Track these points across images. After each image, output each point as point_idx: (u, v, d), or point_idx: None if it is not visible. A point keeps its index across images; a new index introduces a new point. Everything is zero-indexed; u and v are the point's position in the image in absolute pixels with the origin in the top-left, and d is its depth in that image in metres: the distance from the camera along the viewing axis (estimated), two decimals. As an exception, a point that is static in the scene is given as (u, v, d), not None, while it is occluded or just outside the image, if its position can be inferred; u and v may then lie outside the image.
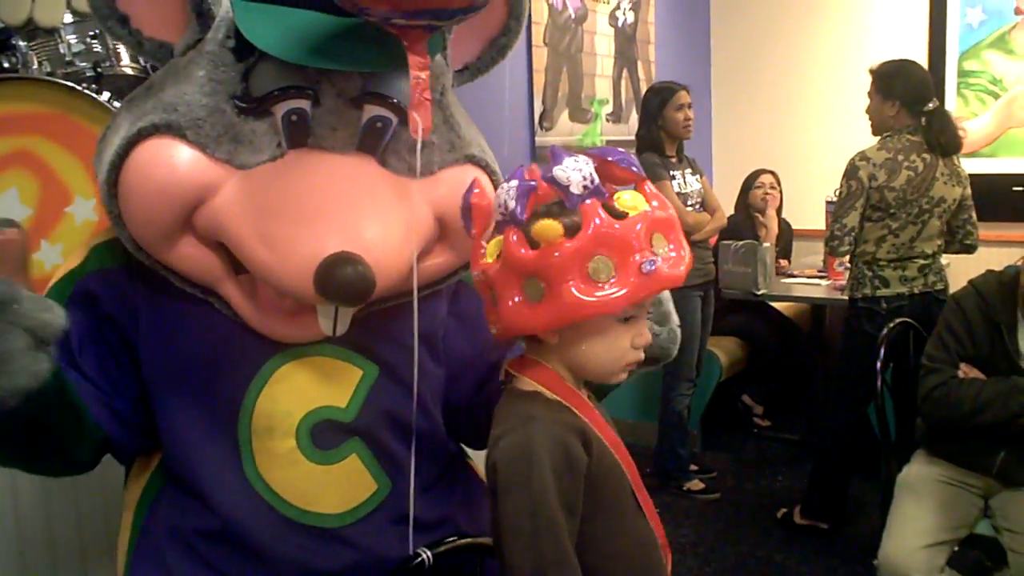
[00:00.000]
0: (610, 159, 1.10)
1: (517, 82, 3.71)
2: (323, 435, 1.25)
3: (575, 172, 1.07)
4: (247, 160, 1.16)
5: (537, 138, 3.84)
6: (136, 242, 1.18)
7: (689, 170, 3.73)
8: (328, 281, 1.10)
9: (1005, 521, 2.29)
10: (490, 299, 1.13)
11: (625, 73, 4.48)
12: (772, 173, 4.52)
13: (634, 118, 4.49)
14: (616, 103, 4.43)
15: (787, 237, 4.61)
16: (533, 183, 1.10)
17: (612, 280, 1.06)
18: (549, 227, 1.07)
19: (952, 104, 4.53)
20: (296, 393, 1.24)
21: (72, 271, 1.28)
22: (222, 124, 1.15)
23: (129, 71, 2.21)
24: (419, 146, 1.19)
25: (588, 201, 1.07)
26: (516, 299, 1.09)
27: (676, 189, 3.59)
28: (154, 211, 1.14)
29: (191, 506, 1.26)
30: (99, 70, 2.11)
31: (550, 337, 1.15)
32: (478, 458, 1.43)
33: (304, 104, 1.17)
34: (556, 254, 1.06)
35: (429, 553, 1.30)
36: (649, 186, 1.13)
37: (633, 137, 3.85)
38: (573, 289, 1.06)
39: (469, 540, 1.37)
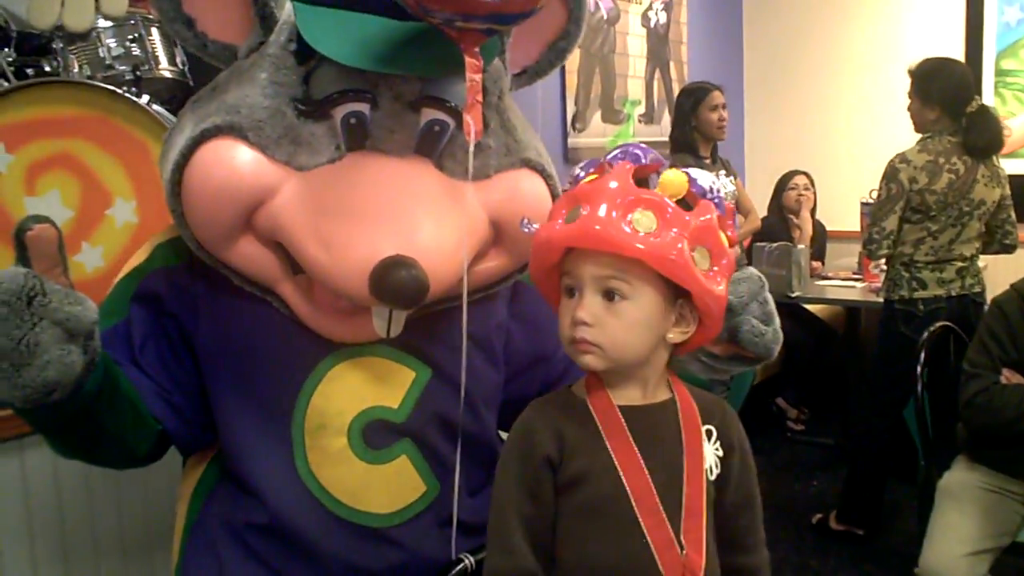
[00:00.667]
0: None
1: (550, 83, 3.70)
2: (374, 435, 1.26)
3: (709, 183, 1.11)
4: (306, 162, 1.17)
5: (570, 139, 3.83)
6: (198, 241, 1.20)
7: (723, 171, 3.71)
8: (382, 284, 1.10)
9: (1049, 529, 2.26)
10: None
11: (657, 74, 4.45)
12: (806, 174, 4.48)
13: (666, 119, 4.47)
14: (648, 104, 4.40)
15: (821, 239, 4.56)
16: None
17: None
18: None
19: (990, 104, 4.46)
20: (349, 392, 1.25)
21: (136, 268, 1.30)
22: (282, 126, 1.16)
23: (168, 74, 2.22)
24: (471, 148, 1.19)
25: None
26: None
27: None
28: (215, 211, 1.16)
29: (243, 500, 1.27)
30: (138, 73, 2.12)
31: None
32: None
33: (363, 107, 1.18)
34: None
35: (472, 558, 1.29)
36: (608, 164, 1.10)
37: (666, 138, 3.83)
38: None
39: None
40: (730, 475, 1.17)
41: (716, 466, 1.16)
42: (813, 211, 4.48)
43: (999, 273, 3.02)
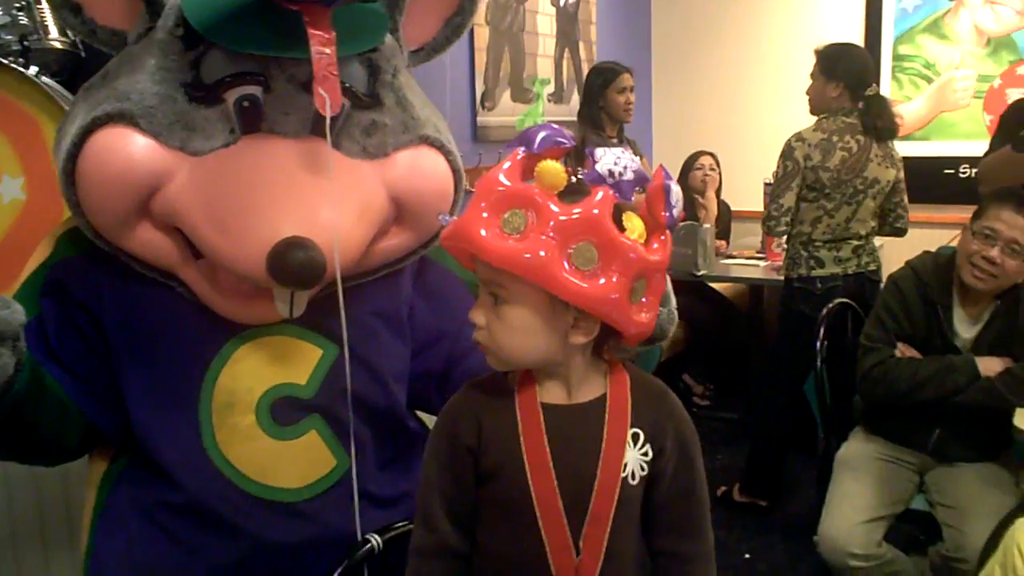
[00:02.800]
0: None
1: (458, 62, 3.67)
2: (283, 411, 1.27)
3: (617, 165, 1.07)
4: (200, 147, 1.17)
5: (479, 118, 3.81)
6: (95, 229, 1.20)
7: (629, 151, 3.73)
8: (280, 266, 1.11)
9: (939, 496, 2.35)
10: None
11: (567, 53, 4.46)
12: (711, 155, 4.55)
13: (576, 98, 4.48)
14: (558, 83, 4.41)
15: (726, 218, 4.65)
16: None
17: None
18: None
19: (887, 88, 4.60)
20: (257, 371, 1.27)
21: (42, 263, 1.31)
22: (174, 112, 1.16)
23: (58, 44, 2.13)
24: (328, 123, 1.17)
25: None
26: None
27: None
28: (110, 199, 1.16)
29: (154, 480, 1.28)
30: (26, 43, 2.03)
31: None
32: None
33: (255, 90, 1.18)
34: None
35: (378, 538, 1.29)
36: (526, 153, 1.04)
37: (575, 118, 3.84)
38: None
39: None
40: (662, 473, 1.15)
41: (642, 468, 1.13)
42: (718, 191, 4.56)
43: (896, 252, 3.12)
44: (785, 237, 3.33)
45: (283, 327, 1.27)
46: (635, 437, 1.13)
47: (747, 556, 3.13)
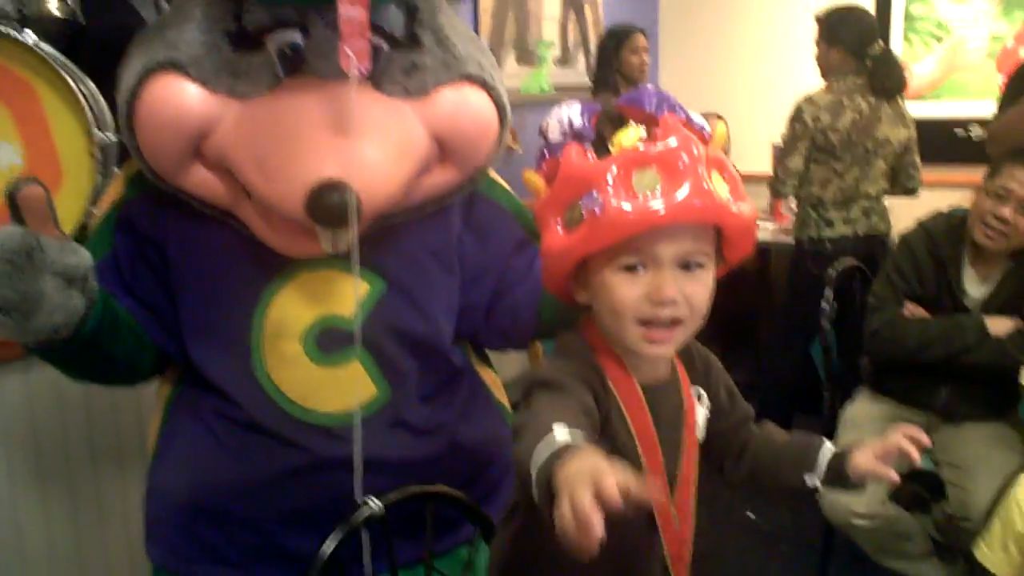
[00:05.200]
0: (620, 101, 1.06)
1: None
2: (328, 341, 1.34)
3: (553, 120, 1.05)
4: (247, 91, 1.23)
5: (484, 82, 3.79)
6: (153, 171, 1.28)
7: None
8: (316, 207, 1.17)
9: (945, 455, 2.35)
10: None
11: (572, 15, 4.41)
12: (718, 116, 4.51)
13: (581, 62, 4.44)
14: (563, 46, 4.36)
15: (734, 181, 4.61)
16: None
17: (580, 224, 1.00)
18: (531, 179, 1.07)
19: (898, 48, 4.53)
20: (305, 302, 1.34)
21: (114, 204, 1.40)
22: (220, 60, 1.23)
23: (57, 12, 2.11)
24: (353, 83, 1.20)
25: (566, 146, 1.03)
26: (559, 227, 1.06)
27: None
28: (165, 143, 1.23)
29: (210, 397, 1.38)
30: (23, 10, 2.01)
31: (581, 296, 1.09)
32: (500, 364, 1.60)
33: (295, 36, 1.23)
34: (539, 204, 1.06)
35: (377, 502, 1.29)
36: (668, 120, 1.01)
37: (580, 81, 3.81)
38: (552, 237, 1.05)
39: (420, 489, 1.36)
40: (720, 412, 1.20)
41: (705, 424, 1.17)
42: (728, 153, 4.52)
43: (907, 214, 3.09)
44: (793, 199, 3.31)
45: (333, 262, 1.32)
46: (699, 397, 1.17)
47: (750, 514, 3.15)
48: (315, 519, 1.33)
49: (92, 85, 1.77)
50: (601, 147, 1.02)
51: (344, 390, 1.35)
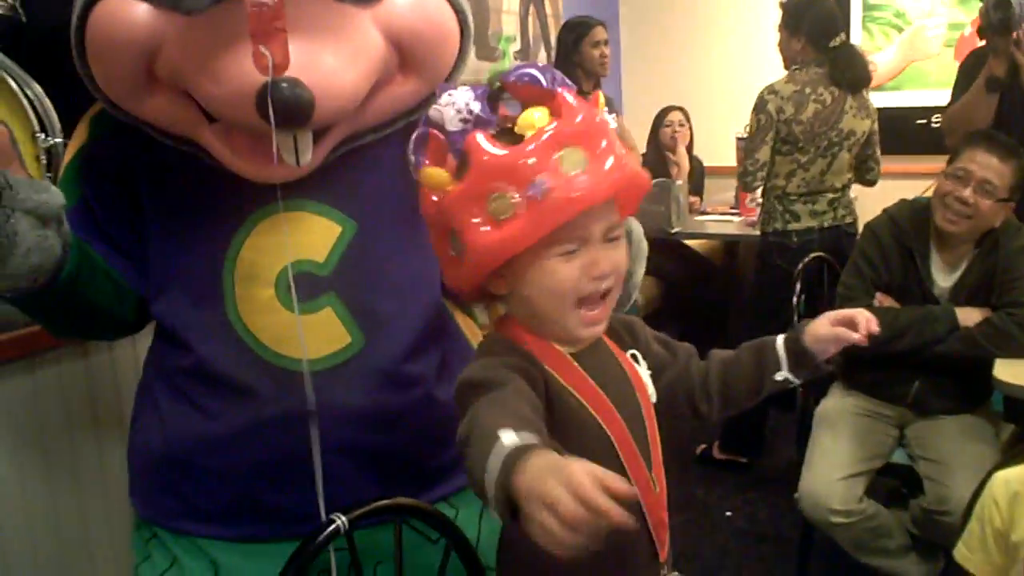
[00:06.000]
0: (508, 79, 1.03)
1: (421, 19, 3.57)
2: (301, 286, 1.29)
3: (448, 108, 1.01)
4: (193, 5, 1.18)
5: (444, 78, 3.72)
6: (111, 100, 1.26)
7: (607, 109, 3.67)
8: (266, 104, 1.12)
9: (920, 450, 2.33)
10: (455, 241, 1.05)
11: (532, 8, 4.36)
12: (681, 109, 4.49)
13: (542, 55, 4.39)
14: (524, 40, 4.31)
15: (699, 174, 4.60)
16: (425, 131, 1.04)
17: (514, 215, 0.98)
18: (434, 175, 1.02)
19: (857, 38, 4.53)
20: (277, 246, 1.29)
21: (79, 148, 1.38)
22: None
23: (-4, 9, 2.02)
24: (270, 79, 1.13)
25: (470, 135, 1.00)
26: (447, 256, 1.07)
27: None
28: (116, 65, 1.22)
29: (174, 350, 1.34)
30: (-40, 8, 1.92)
31: (499, 288, 1.08)
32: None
33: None
34: (448, 200, 1.01)
35: (344, 519, 1.24)
36: (566, 96, 1.02)
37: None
38: (480, 232, 0.99)
39: (387, 502, 1.30)
40: (664, 363, 1.22)
41: (651, 381, 1.17)
42: (690, 147, 4.50)
43: (870, 204, 3.08)
44: (760, 191, 3.29)
45: (305, 203, 1.30)
46: (635, 358, 1.17)
47: (728, 514, 3.12)
48: (290, 472, 1.30)
49: (38, 88, 1.69)
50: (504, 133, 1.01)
51: (318, 337, 1.31)
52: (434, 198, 1.04)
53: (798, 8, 3.15)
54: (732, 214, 4.18)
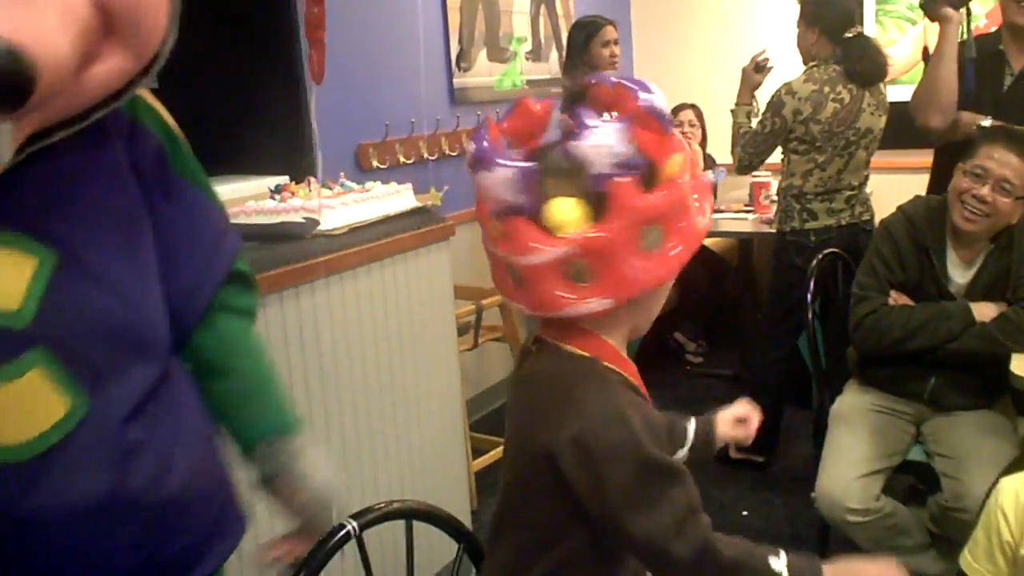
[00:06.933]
0: (638, 105, 1.08)
1: (432, 22, 3.56)
2: None
3: (599, 153, 1.00)
4: None
5: (455, 79, 3.72)
6: None
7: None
8: None
9: (937, 446, 2.31)
10: (581, 271, 1.03)
11: (543, 9, 4.35)
12: (692, 107, 4.47)
13: (554, 56, 4.39)
14: (535, 41, 4.31)
15: (712, 172, 4.58)
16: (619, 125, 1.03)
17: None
18: (568, 210, 1.01)
19: (871, 31, 4.51)
20: None
21: None
22: None
23: None
24: None
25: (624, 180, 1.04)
26: (635, 255, 1.03)
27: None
28: None
29: None
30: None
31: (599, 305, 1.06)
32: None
33: None
34: (598, 236, 1.01)
35: (356, 524, 1.23)
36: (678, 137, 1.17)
37: (553, 76, 3.75)
38: (647, 264, 1.04)
39: (398, 506, 1.30)
40: None
41: None
42: (704, 144, 4.48)
43: (885, 199, 3.05)
44: (775, 190, 3.28)
45: None
46: None
47: (744, 514, 3.11)
48: None
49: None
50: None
51: (26, 410, 0.98)
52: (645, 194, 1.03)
53: (815, 0, 3.13)
54: (747, 211, 4.16)
